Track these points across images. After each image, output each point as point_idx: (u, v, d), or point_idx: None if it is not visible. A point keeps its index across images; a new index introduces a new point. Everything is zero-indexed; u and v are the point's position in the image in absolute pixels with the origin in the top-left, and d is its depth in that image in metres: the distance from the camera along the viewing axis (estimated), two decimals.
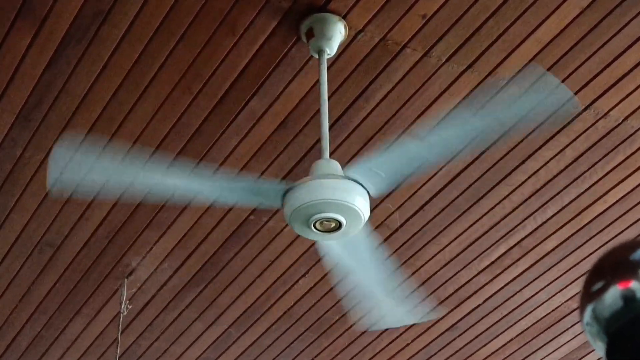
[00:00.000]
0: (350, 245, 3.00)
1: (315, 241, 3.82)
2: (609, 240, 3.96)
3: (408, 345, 4.60)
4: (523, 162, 3.58)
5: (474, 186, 3.69)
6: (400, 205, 3.77)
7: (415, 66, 3.19)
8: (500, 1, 2.99)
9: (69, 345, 4.60)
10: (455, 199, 3.75)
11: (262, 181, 2.84)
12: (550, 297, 4.31)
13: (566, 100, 2.86)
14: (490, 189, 3.71)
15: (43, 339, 4.56)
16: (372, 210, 2.85)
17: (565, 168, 3.62)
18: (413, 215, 3.82)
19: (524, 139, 3.48)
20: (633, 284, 1.35)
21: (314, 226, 2.76)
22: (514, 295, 4.29)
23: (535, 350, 4.68)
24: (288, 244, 3.96)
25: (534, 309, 4.39)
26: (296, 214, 2.74)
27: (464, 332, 4.54)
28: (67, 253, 4.01)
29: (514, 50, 3.14)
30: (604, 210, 3.82)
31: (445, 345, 4.62)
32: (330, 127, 3.20)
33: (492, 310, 4.39)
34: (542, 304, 4.35)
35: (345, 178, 2.75)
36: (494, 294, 4.28)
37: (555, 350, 4.67)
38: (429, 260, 4.07)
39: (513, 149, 3.52)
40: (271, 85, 3.25)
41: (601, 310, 1.36)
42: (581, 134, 3.46)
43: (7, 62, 3.18)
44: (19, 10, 3.02)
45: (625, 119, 3.42)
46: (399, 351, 4.63)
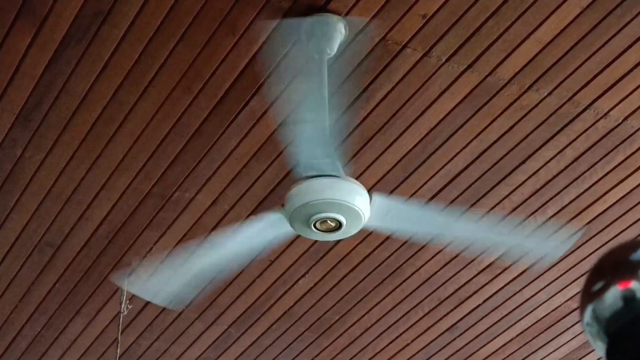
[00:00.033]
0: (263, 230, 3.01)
1: (315, 241, 3.85)
2: (609, 240, 3.96)
3: (408, 345, 4.60)
4: (523, 162, 3.58)
5: (474, 186, 3.69)
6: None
7: (415, 66, 3.19)
8: (500, 1, 2.98)
9: (69, 345, 4.60)
10: (455, 199, 3.74)
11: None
12: (550, 297, 4.31)
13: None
14: (490, 189, 3.71)
15: (43, 339, 4.56)
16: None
17: (565, 168, 3.62)
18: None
19: (523, 139, 3.48)
20: (633, 284, 1.35)
21: (314, 226, 2.76)
22: (513, 295, 4.29)
23: (535, 350, 4.67)
24: (288, 244, 3.96)
25: (533, 309, 4.39)
26: (296, 214, 2.74)
27: (464, 332, 4.54)
28: (67, 253, 4.01)
29: (514, 50, 3.14)
30: (604, 210, 3.82)
31: (445, 345, 4.62)
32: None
33: (492, 310, 4.39)
34: (542, 304, 4.35)
35: (346, 178, 2.75)
36: (494, 294, 4.28)
37: (555, 350, 4.67)
38: (429, 260, 4.07)
39: (513, 149, 3.52)
40: (271, 86, 3.25)
41: (601, 311, 1.36)
42: (581, 134, 3.46)
43: (8, 62, 3.18)
44: (19, 10, 3.02)
45: (625, 119, 3.42)
46: (399, 351, 4.63)
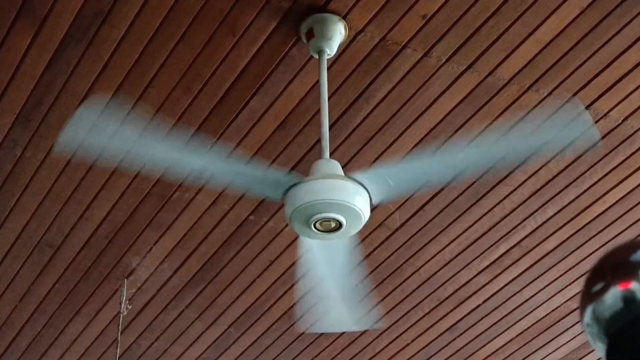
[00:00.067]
0: (330, 247, 3.01)
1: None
2: (609, 240, 3.96)
3: (408, 345, 4.60)
4: (523, 162, 3.58)
5: (474, 186, 3.69)
6: (400, 205, 3.77)
7: (415, 66, 3.19)
8: (500, 1, 2.99)
9: (69, 345, 4.60)
10: (455, 199, 3.75)
11: (271, 171, 2.79)
12: (550, 298, 4.31)
13: (585, 130, 2.93)
14: (490, 189, 3.71)
15: (43, 339, 4.56)
16: (372, 211, 2.85)
17: (565, 168, 3.62)
18: (413, 215, 3.82)
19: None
20: (633, 285, 1.35)
21: (314, 226, 2.76)
22: (513, 295, 4.29)
23: (535, 350, 4.68)
24: (288, 244, 3.96)
25: (533, 309, 4.39)
26: (296, 214, 2.74)
27: (464, 332, 4.54)
28: (67, 253, 4.01)
29: (514, 50, 3.14)
30: (604, 211, 3.82)
31: (445, 345, 4.62)
32: (330, 127, 3.20)
33: (492, 311, 4.39)
34: (542, 304, 4.35)
35: (346, 178, 2.75)
36: (494, 294, 4.28)
37: (555, 350, 4.67)
38: (429, 260, 4.07)
39: None
40: (271, 86, 3.25)
41: (601, 311, 1.36)
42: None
43: (8, 62, 3.18)
44: (19, 10, 3.02)
45: (625, 119, 3.42)
46: (399, 351, 4.63)
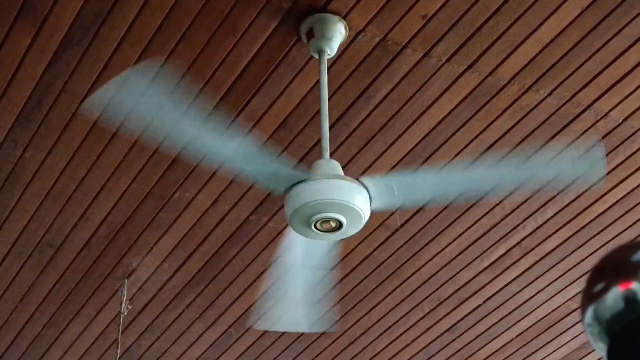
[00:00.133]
0: (310, 245, 3.00)
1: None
2: (609, 240, 3.96)
3: (408, 345, 4.60)
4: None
5: None
6: (400, 206, 3.77)
7: (416, 66, 3.19)
8: (500, 1, 2.99)
9: (69, 345, 4.60)
10: (455, 199, 3.74)
11: (279, 164, 2.74)
12: (550, 298, 4.31)
13: (595, 163, 3.00)
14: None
15: (43, 339, 4.56)
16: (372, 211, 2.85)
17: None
18: (413, 215, 3.82)
19: (523, 139, 3.48)
20: (634, 285, 1.35)
21: (315, 226, 2.76)
22: (513, 295, 4.29)
23: (535, 350, 4.68)
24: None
25: (533, 310, 4.39)
26: (297, 214, 2.73)
27: (464, 333, 4.54)
28: (68, 253, 4.01)
29: (514, 50, 3.14)
30: (604, 211, 3.82)
31: (445, 346, 4.62)
32: (331, 128, 3.20)
33: (492, 311, 4.39)
34: (542, 304, 4.35)
35: (346, 178, 2.75)
36: (494, 294, 4.28)
37: (555, 350, 4.67)
38: (429, 260, 4.07)
39: (513, 149, 3.52)
40: (271, 86, 3.25)
41: (602, 311, 1.36)
42: (581, 134, 3.46)
43: (8, 63, 3.18)
44: (20, 11, 3.02)
45: (625, 119, 3.42)
46: (399, 351, 4.63)
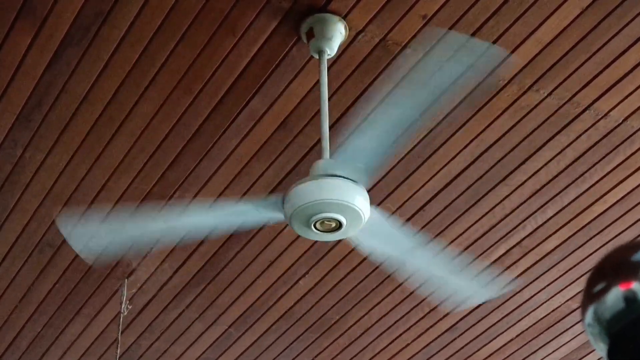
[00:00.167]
0: (377, 234, 2.99)
1: (315, 241, 3.85)
2: (609, 240, 3.96)
3: (408, 345, 4.60)
4: (523, 163, 3.58)
5: (474, 187, 3.69)
6: (401, 206, 3.77)
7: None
8: (500, 1, 2.99)
9: (69, 345, 4.60)
10: (455, 199, 3.74)
11: (257, 200, 2.88)
12: (550, 298, 4.31)
13: (503, 59, 2.89)
14: (490, 189, 3.71)
15: (43, 339, 4.56)
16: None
17: (566, 168, 3.62)
18: (413, 215, 3.82)
19: (523, 140, 3.48)
20: (634, 285, 1.35)
21: (314, 226, 2.76)
22: (514, 295, 4.29)
23: (535, 350, 4.68)
24: (288, 244, 3.96)
25: (533, 310, 4.39)
26: (296, 214, 2.73)
27: (464, 333, 4.54)
28: (68, 253, 4.00)
29: (514, 50, 3.13)
30: (604, 211, 3.82)
31: (445, 346, 4.62)
32: (331, 128, 3.20)
33: (492, 311, 4.39)
34: (542, 304, 4.35)
35: (346, 178, 2.74)
36: None
37: (555, 350, 4.67)
38: None
39: (513, 149, 3.52)
40: (271, 86, 3.25)
41: (603, 311, 1.36)
42: (581, 134, 3.46)
43: (8, 63, 3.18)
44: (20, 11, 3.02)
45: (625, 119, 3.42)
46: (399, 351, 4.63)
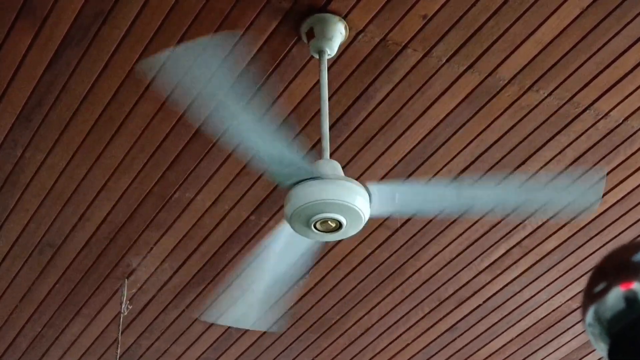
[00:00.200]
0: (293, 241, 2.98)
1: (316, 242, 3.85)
2: (609, 240, 3.96)
3: (408, 345, 4.60)
4: (523, 163, 3.58)
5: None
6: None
7: (416, 66, 3.19)
8: (500, 1, 2.99)
9: (69, 345, 4.60)
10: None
11: (294, 154, 2.68)
12: (551, 298, 4.31)
13: (590, 188, 3.06)
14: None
15: (43, 339, 4.56)
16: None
17: (566, 168, 3.61)
18: (413, 215, 3.82)
19: (524, 140, 3.48)
20: (635, 285, 1.34)
21: (315, 226, 2.76)
22: (514, 295, 4.29)
23: (536, 350, 4.68)
24: None
25: (534, 309, 4.39)
26: (297, 215, 2.73)
27: (464, 333, 4.54)
28: (68, 253, 4.01)
29: (514, 50, 3.14)
30: (604, 211, 3.82)
31: (445, 346, 4.62)
32: (331, 128, 3.20)
33: (492, 311, 4.39)
34: (542, 304, 4.35)
35: (346, 178, 2.74)
36: (494, 294, 4.28)
37: (555, 350, 4.67)
38: (429, 260, 4.07)
39: (513, 149, 3.52)
40: (271, 86, 3.25)
41: (603, 312, 1.36)
42: (581, 134, 3.46)
43: (8, 63, 3.18)
44: (20, 11, 3.01)
45: (626, 119, 3.42)
46: (399, 351, 4.63)
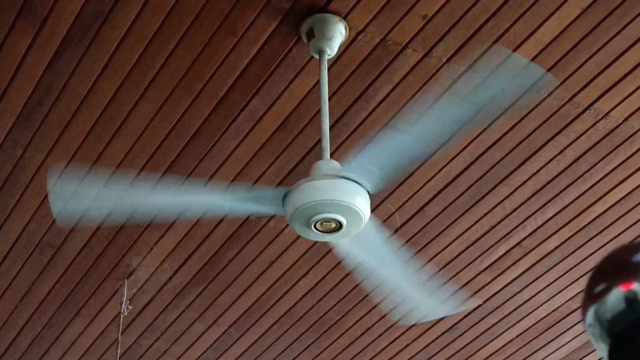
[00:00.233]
0: (365, 243, 3.00)
1: (316, 241, 3.85)
2: (609, 240, 3.96)
3: (408, 345, 4.60)
4: (523, 163, 3.58)
5: (474, 187, 3.69)
6: (401, 206, 3.77)
7: (416, 67, 3.19)
8: (500, 2, 2.99)
9: (69, 345, 4.60)
10: (456, 199, 3.75)
11: (260, 188, 2.84)
12: (551, 298, 4.31)
13: (539, 78, 2.87)
14: (490, 190, 3.71)
15: (43, 339, 4.56)
16: (373, 211, 2.85)
17: (566, 169, 3.62)
18: (413, 215, 3.82)
19: (523, 140, 3.49)
20: (635, 286, 1.35)
21: (315, 227, 2.76)
22: (514, 295, 4.29)
23: (536, 350, 4.68)
24: (289, 244, 3.96)
25: (534, 310, 4.39)
26: (297, 215, 2.74)
27: (464, 333, 4.54)
28: (68, 253, 4.01)
29: (515, 51, 3.13)
30: (604, 211, 3.82)
31: (445, 346, 4.62)
32: (331, 128, 3.20)
33: (492, 311, 4.39)
34: (542, 304, 4.35)
35: (346, 178, 2.75)
36: (494, 294, 4.28)
37: (555, 350, 4.67)
38: (429, 260, 4.07)
39: (513, 149, 3.52)
40: (272, 86, 3.25)
41: (604, 312, 1.36)
42: (581, 134, 3.46)
43: (8, 63, 3.18)
44: (20, 11, 3.01)
45: (626, 119, 3.42)
46: (399, 351, 4.63)
